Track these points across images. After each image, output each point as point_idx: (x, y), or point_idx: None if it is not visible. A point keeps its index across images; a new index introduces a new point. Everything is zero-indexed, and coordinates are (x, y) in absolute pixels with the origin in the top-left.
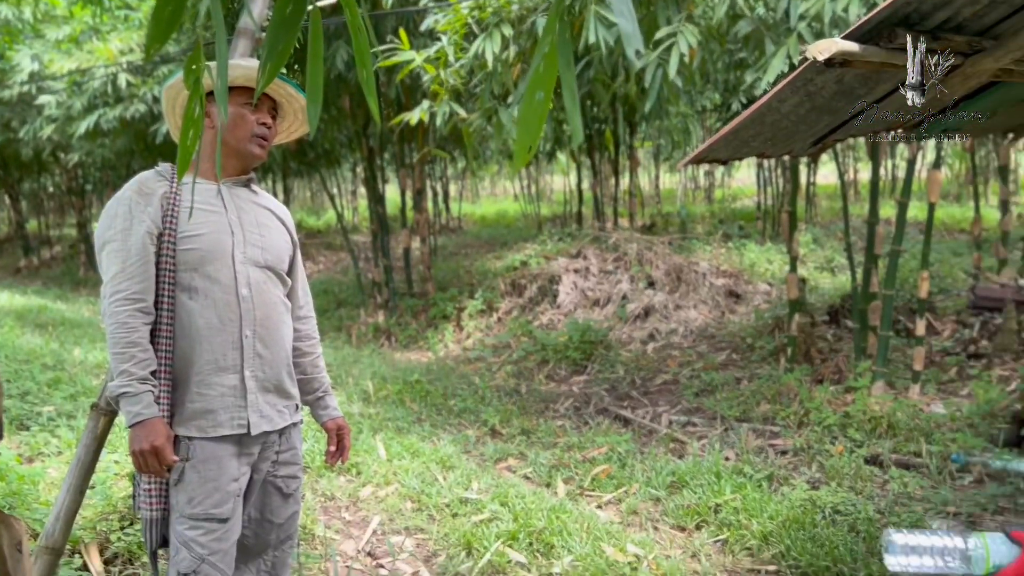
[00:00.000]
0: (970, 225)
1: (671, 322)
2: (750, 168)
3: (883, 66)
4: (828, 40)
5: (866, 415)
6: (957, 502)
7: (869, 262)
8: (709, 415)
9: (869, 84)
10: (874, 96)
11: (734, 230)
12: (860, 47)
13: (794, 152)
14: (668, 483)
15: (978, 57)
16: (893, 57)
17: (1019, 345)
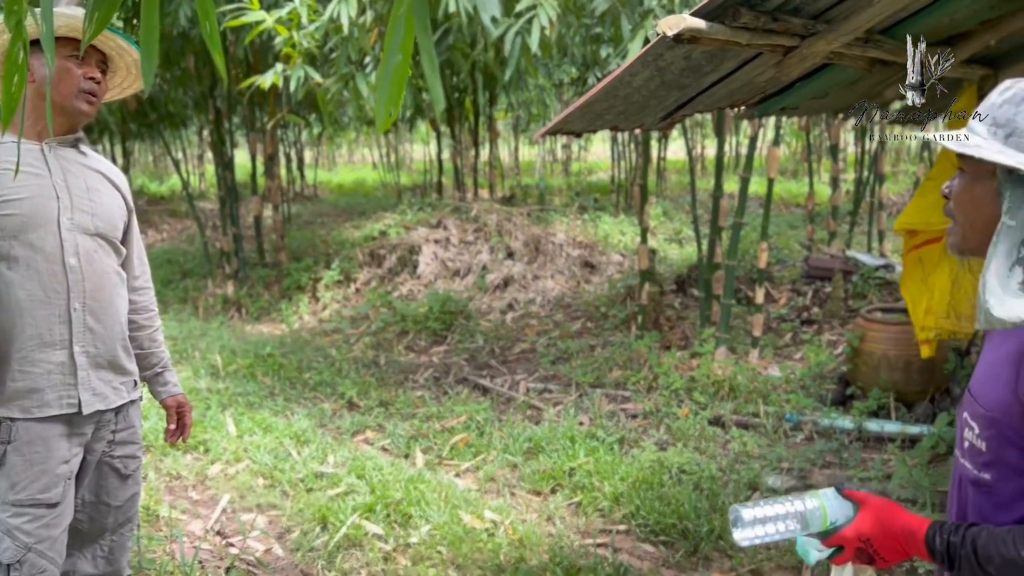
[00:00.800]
0: (805, 200)
1: (529, 292)
2: (605, 143)
3: (727, 44)
4: (677, 16)
5: (710, 379)
6: (790, 458)
7: (714, 234)
8: (565, 382)
9: (715, 61)
10: (719, 73)
11: (590, 202)
12: (707, 24)
13: (645, 126)
14: (525, 449)
15: (813, 39)
16: (737, 35)
17: (846, 311)
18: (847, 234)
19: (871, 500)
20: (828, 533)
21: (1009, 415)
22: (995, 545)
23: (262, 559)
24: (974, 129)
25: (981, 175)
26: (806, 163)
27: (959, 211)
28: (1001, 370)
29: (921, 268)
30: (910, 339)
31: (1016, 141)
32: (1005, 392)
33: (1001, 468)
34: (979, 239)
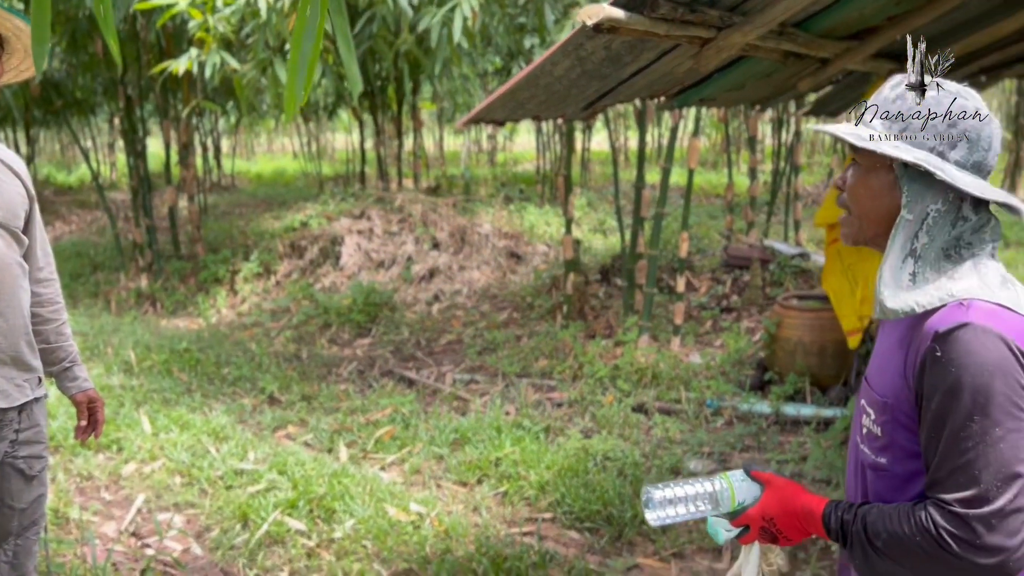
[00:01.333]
0: (724, 191)
1: (455, 283)
2: (530, 133)
3: (646, 34)
4: (597, 5)
5: (633, 367)
6: (711, 443)
7: (636, 224)
8: (491, 372)
9: (634, 52)
10: (639, 64)
11: (515, 193)
12: (626, 15)
13: (567, 115)
14: (451, 440)
15: (729, 31)
16: (655, 26)
17: (763, 299)
18: (765, 224)
19: (775, 481)
20: (736, 513)
21: (900, 400)
22: (882, 521)
23: (180, 559)
24: (869, 123)
25: (876, 168)
26: (725, 154)
27: (853, 203)
28: (892, 357)
29: (840, 260)
30: (825, 325)
31: (910, 135)
32: (896, 378)
33: (895, 451)
34: (874, 230)
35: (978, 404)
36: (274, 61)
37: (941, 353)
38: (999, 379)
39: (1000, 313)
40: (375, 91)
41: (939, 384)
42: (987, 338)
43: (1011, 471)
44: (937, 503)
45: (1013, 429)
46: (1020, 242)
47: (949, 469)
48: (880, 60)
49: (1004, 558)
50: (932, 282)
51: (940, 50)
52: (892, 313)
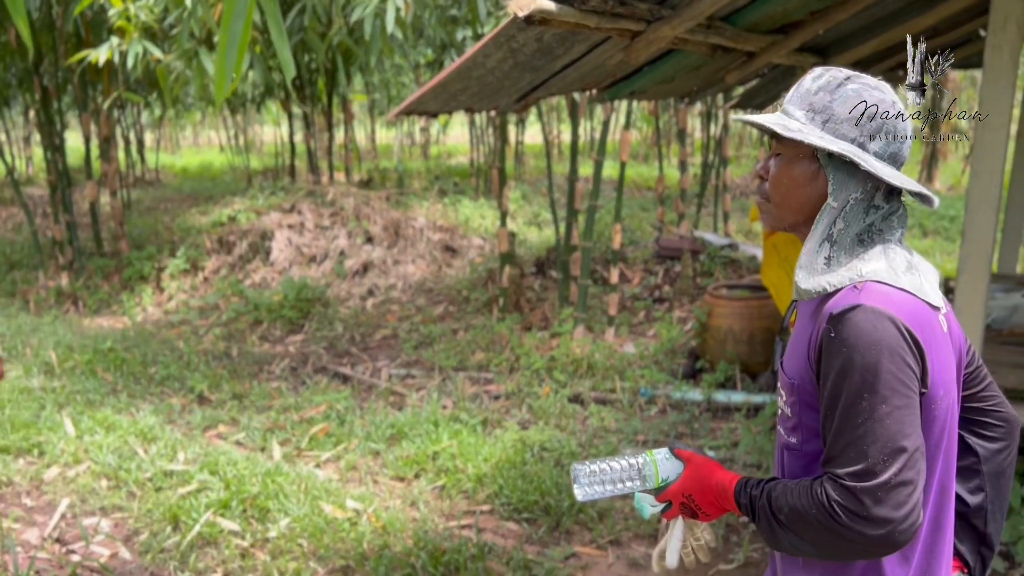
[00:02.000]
0: (655, 183)
1: (390, 277)
2: (463, 126)
3: (577, 26)
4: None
5: (569, 358)
6: (645, 431)
7: (570, 216)
8: (428, 366)
9: (566, 44)
10: (571, 56)
11: (449, 186)
12: (556, 6)
13: (500, 108)
14: (388, 436)
15: (659, 24)
16: (585, 18)
17: (695, 289)
18: (695, 215)
19: (694, 459)
20: (660, 489)
21: (804, 381)
22: (785, 496)
23: (107, 565)
24: (792, 114)
25: (799, 158)
26: (656, 148)
27: (775, 192)
28: (801, 341)
29: (777, 253)
30: (753, 313)
31: (833, 127)
32: (801, 360)
33: (803, 431)
34: (794, 218)
35: (867, 382)
36: (199, 51)
37: (835, 334)
38: (887, 358)
39: (893, 295)
40: (305, 83)
41: (833, 364)
42: (877, 319)
43: (896, 446)
44: (831, 477)
45: (900, 406)
46: (937, 231)
47: (841, 445)
48: (804, 54)
49: (891, 529)
50: (845, 265)
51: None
52: (806, 294)
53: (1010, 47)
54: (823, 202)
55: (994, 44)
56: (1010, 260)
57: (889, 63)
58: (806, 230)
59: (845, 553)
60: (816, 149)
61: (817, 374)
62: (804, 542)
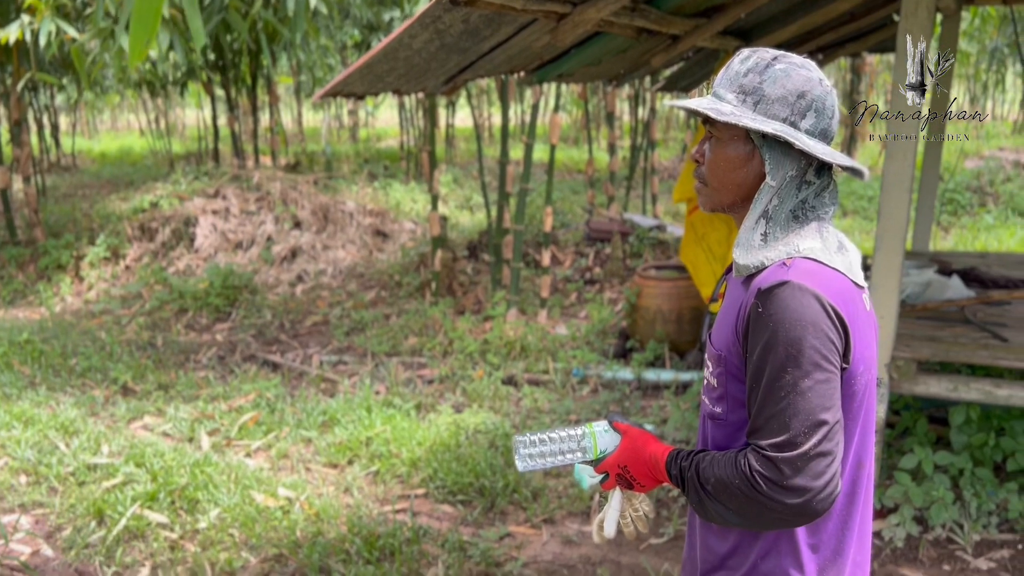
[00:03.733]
0: (585, 166)
1: (319, 263)
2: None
3: (503, 8)
4: None
5: (502, 340)
6: (578, 410)
7: (502, 200)
8: (360, 352)
9: (493, 26)
10: (498, 38)
11: (379, 170)
12: None
13: (427, 89)
14: (320, 423)
15: (584, 6)
16: (511, 0)
17: (624, 270)
18: (624, 198)
19: (630, 431)
20: (598, 461)
21: (731, 353)
22: (711, 467)
23: (28, 562)
24: (724, 97)
25: (733, 140)
26: (585, 131)
27: (712, 175)
28: (729, 314)
29: (694, 231)
30: (681, 293)
31: (765, 108)
32: (729, 333)
33: (729, 401)
34: (730, 198)
35: (791, 356)
36: (115, 31)
37: (762, 309)
38: (811, 334)
39: (821, 273)
40: (228, 64)
41: (759, 338)
42: (803, 295)
43: (817, 418)
44: (754, 448)
45: (821, 380)
46: (856, 211)
47: (765, 417)
48: (727, 37)
49: (809, 498)
50: (781, 240)
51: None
52: (744, 269)
53: (921, 31)
54: (759, 182)
55: (907, 28)
56: (923, 238)
57: (809, 46)
58: (743, 210)
59: (766, 522)
60: (750, 130)
61: (744, 347)
62: (729, 511)
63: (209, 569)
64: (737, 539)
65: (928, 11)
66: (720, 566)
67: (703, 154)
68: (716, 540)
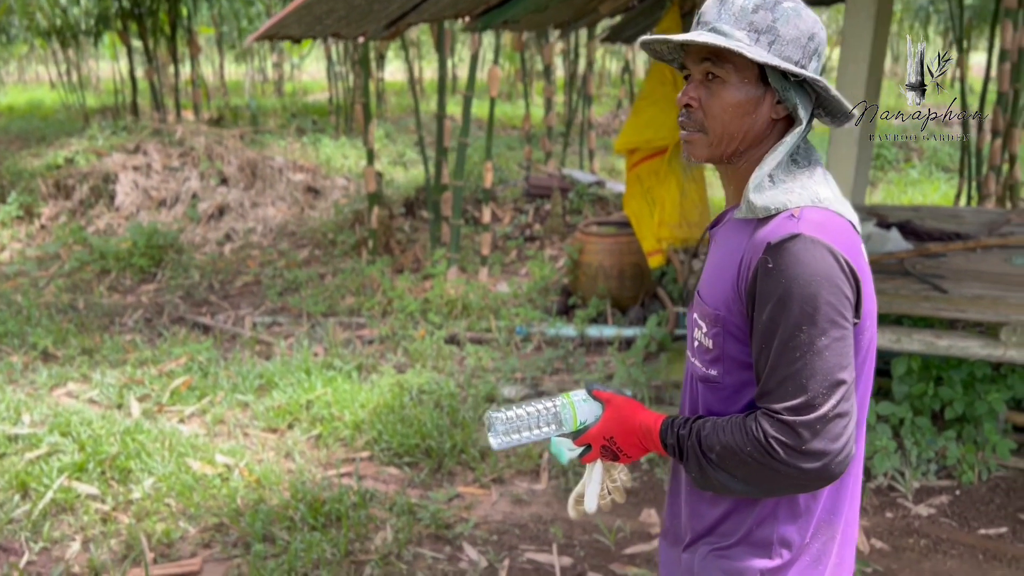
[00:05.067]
0: (522, 121)
1: (248, 221)
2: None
3: None
4: None
5: (443, 299)
6: (523, 368)
7: (439, 155)
8: (295, 313)
9: None
10: None
11: (308, 124)
12: None
13: (368, 34)
14: (256, 387)
15: None
16: None
17: (564, 227)
18: (561, 153)
19: (614, 400)
20: (578, 433)
21: (731, 311)
22: (716, 434)
23: None
24: (730, 34)
25: (743, 82)
26: (521, 84)
27: (715, 120)
28: (725, 269)
29: (640, 184)
30: (623, 249)
31: (779, 48)
32: (728, 289)
33: (726, 363)
34: (734, 147)
35: (806, 314)
36: None
37: (772, 264)
38: (826, 289)
39: (831, 224)
40: (144, 12)
41: (770, 295)
42: (816, 249)
43: (835, 378)
44: (766, 412)
45: (837, 338)
46: None
47: (778, 379)
48: None
49: (827, 461)
50: (792, 183)
51: None
52: (762, 210)
53: None
54: (766, 127)
55: None
56: (859, 192)
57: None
58: (739, 157)
59: (778, 489)
60: (767, 73)
61: (749, 305)
62: (735, 479)
63: (145, 541)
64: (731, 504)
65: None
66: (710, 532)
67: (698, 99)
68: (707, 507)
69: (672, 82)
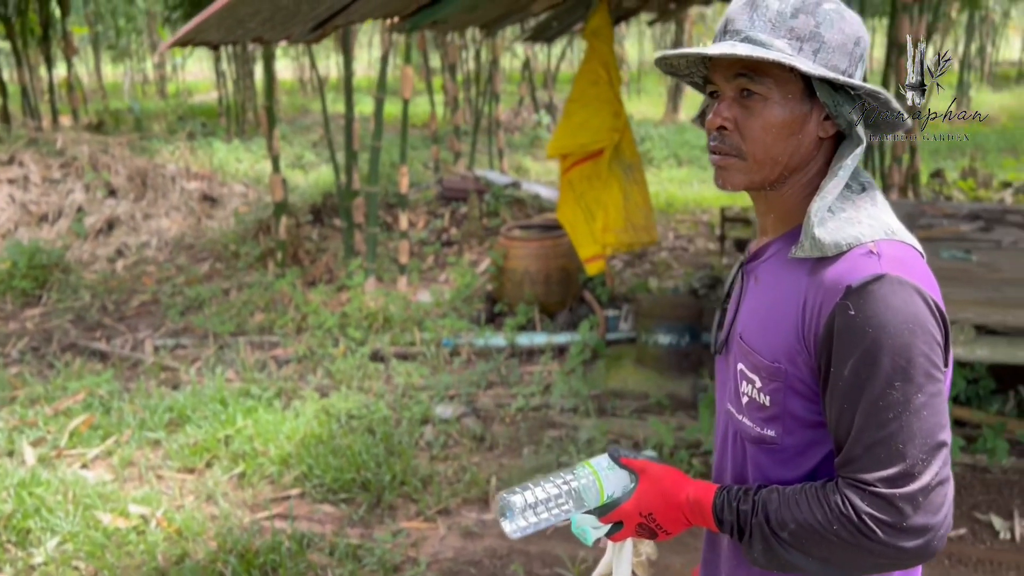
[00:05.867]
0: (427, 120)
1: (141, 234)
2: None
3: None
4: None
5: (363, 312)
6: (456, 384)
7: (349, 159)
8: (200, 334)
9: None
10: None
11: (197, 128)
12: None
13: (293, 36)
14: (167, 421)
15: None
16: None
17: (482, 231)
18: (470, 154)
19: (650, 469)
20: (605, 508)
21: (794, 364)
22: (788, 510)
23: None
24: (768, 43)
25: (788, 99)
26: (426, 83)
27: (757, 143)
28: (781, 314)
29: (572, 190)
30: (548, 253)
31: (825, 57)
32: (789, 338)
33: (786, 422)
34: (779, 172)
35: (899, 368)
36: None
37: (855, 311)
38: (920, 338)
39: (910, 260)
40: (12, 11)
41: (853, 347)
42: (904, 291)
43: (936, 440)
44: (854, 484)
45: (934, 393)
46: (691, 160)
47: (867, 444)
48: None
49: (930, 538)
50: (855, 212)
51: None
52: (833, 247)
53: None
54: (814, 147)
55: None
56: None
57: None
58: (783, 183)
59: (866, 568)
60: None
61: (820, 357)
62: (811, 559)
63: None
64: None
65: None
66: None
67: (733, 120)
68: None
69: (607, 81)
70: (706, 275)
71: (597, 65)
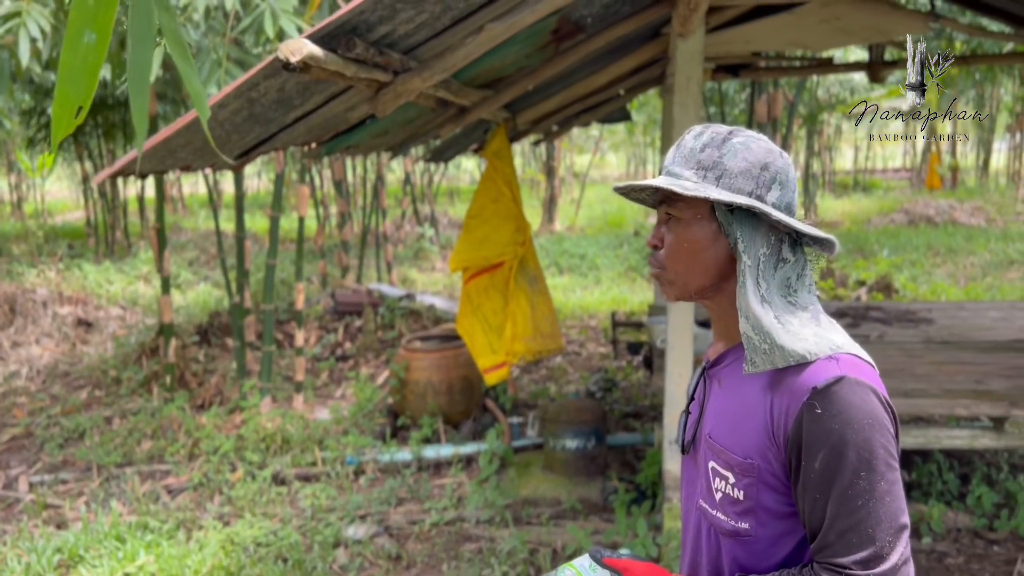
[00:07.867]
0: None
1: (10, 364)
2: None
3: (335, 75)
4: (298, 41)
5: (259, 434)
6: (365, 504)
7: (241, 277)
8: (82, 466)
9: (305, 95)
10: (305, 108)
11: (63, 249)
12: (324, 53)
13: (217, 165)
14: (56, 564)
15: (407, 76)
16: (346, 67)
17: (379, 344)
18: (358, 268)
19: (634, 568)
20: None
21: (766, 459)
22: None
23: None
24: (681, 175)
25: (697, 219)
26: (313, 199)
27: (676, 260)
28: (748, 414)
29: (470, 302)
30: (449, 363)
31: (728, 182)
32: (760, 436)
33: (759, 514)
34: (700, 282)
35: (863, 460)
36: None
37: (821, 409)
38: (878, 432)
39: (863, 365)
40: None
41: (821, 442)
42: (862, 391)
43: (899, 523)
44: (831, 568)
45: (894, 481)
46: (571, 268)
47: (839, 530)
48: (500, 109)
49: None
50: (802, 329)
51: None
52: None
53: (693, 103)
54: (728, 263)
55: (680, 102)
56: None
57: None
58: (715, 294)
59: None
60: (715, 207)
61: (789, 453)
62: None
63: None
64: None
65: (698, 85)
66: None
67: (660, 238)
68: None
69: (510, 198)
70: (601, 378)
71: (500, 183)
